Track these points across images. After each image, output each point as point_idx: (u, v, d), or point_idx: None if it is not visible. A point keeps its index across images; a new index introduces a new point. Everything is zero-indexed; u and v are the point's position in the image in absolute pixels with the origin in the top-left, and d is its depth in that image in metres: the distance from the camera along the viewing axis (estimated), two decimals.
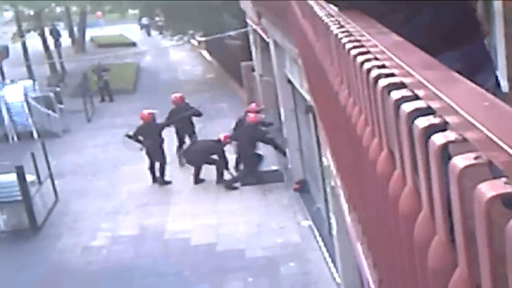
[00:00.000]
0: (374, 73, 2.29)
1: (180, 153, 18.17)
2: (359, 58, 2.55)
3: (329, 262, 12.09)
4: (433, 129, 1.56)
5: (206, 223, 14.80)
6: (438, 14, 2.71)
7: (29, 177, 15.39)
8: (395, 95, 1.93)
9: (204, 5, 26.90)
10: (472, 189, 1.26)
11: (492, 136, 1.24)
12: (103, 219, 15.63)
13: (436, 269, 1.58)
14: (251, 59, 21.96)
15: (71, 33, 42.23)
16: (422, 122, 1.62)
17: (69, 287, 12.80)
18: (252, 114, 16.98)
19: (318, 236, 13.31)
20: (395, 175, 2.10)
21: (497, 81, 2.76)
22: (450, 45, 2.64)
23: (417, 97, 1.79)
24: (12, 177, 15.10)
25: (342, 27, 3.19)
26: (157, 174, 17.51)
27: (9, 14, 36.53)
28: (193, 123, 18.61)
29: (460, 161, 1.34)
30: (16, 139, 22.73)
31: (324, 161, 7.88)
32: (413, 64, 1.94)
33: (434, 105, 1.62)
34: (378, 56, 2.38)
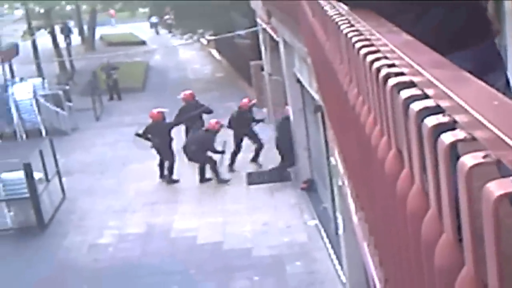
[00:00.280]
0: (384, 72, 2.28)
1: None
2: (369, 57, 2.55)
3: (335, 262, 12.09)
4: (442, 128, 1.55)
5: (213, 222, 14.82)
6: (449, 14, 2.71)
7: (37, 175, 15.43)
8: (405, 94, 1.93)
9: (214, 4, 26.91)
10: (480, 188, 1.26)
11: (501, 135, 1.24)
12: (110, 217, 15.66)
13: (443, 268, 1.58)
14: (261, 58, 21.94)
15: (81, 31, 42.34)
16: (431, 121, 1.62)
17: (76, 285, 12.83)
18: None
19: (325, 236, 13.31)
20: (403, 174, 2.10)
21: (507, 81, 2.76)
22: (461, 45, 2.63)
23: (427, 96, 1.79)
24: (20, 175, 15.15)
25: (352, 26, 3.19)
26: (166, 172, 17.55)
27: (20, 12, 36.66)
28: (204, 121, 18.62)
29: (469, 160, 1.34)
30: (25, 137, 22.80)
31: (332, 161, 7.88)
32: (423, 63, 1.93)
33: (444, 104, 1.62)
34: (388, 55, 2.38)
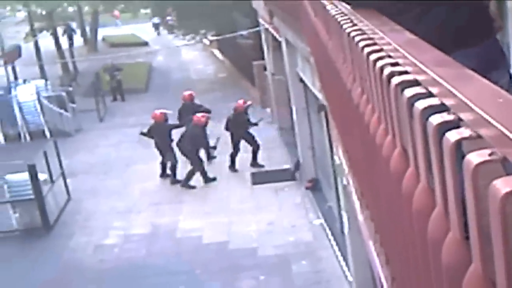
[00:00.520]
0: (387, 71, 2.28)
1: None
2: (372, 56, 2.55)
3: (341, 260, 12.08)
4: (447, 126, 1.56)
5: (218, 222, 14.82)
6: (452, 13, 2.71)
7: (42, 176, 15.46)
8: (409, 93, 1.93)
9: (216, 4, 26.88)
10: (487, 186, 1.26)
11: (507, 133, 1.24)
12: (115, 218, 15.67)
13: (450, 266, 1.58)
14: (263, 58, 21.94)
15: (83, 33, 42.36)
16: (436, 119, 1.62)
17: (81, 286, 12.85)
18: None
19: (330, 235, 13.31)
20: (409, 173, 2.10)
21: (511, 78, 2.76)
22: (464, 43, 2.63)
23: (431, 95, 1.79)
24: (25, 176, 15.18)
25: (355, 25, 3.19)
26: (168, 172, 17.58)
27: (22, 14, 36.66)
28: None
29: (475, 158, 1.34)
30: (29, 138, 22.84)
31: (336, 160, 7.88)
32: (427, 62, 1.94)
33: (448, 102, 1.62)
34: (392, 54, 2.38)
